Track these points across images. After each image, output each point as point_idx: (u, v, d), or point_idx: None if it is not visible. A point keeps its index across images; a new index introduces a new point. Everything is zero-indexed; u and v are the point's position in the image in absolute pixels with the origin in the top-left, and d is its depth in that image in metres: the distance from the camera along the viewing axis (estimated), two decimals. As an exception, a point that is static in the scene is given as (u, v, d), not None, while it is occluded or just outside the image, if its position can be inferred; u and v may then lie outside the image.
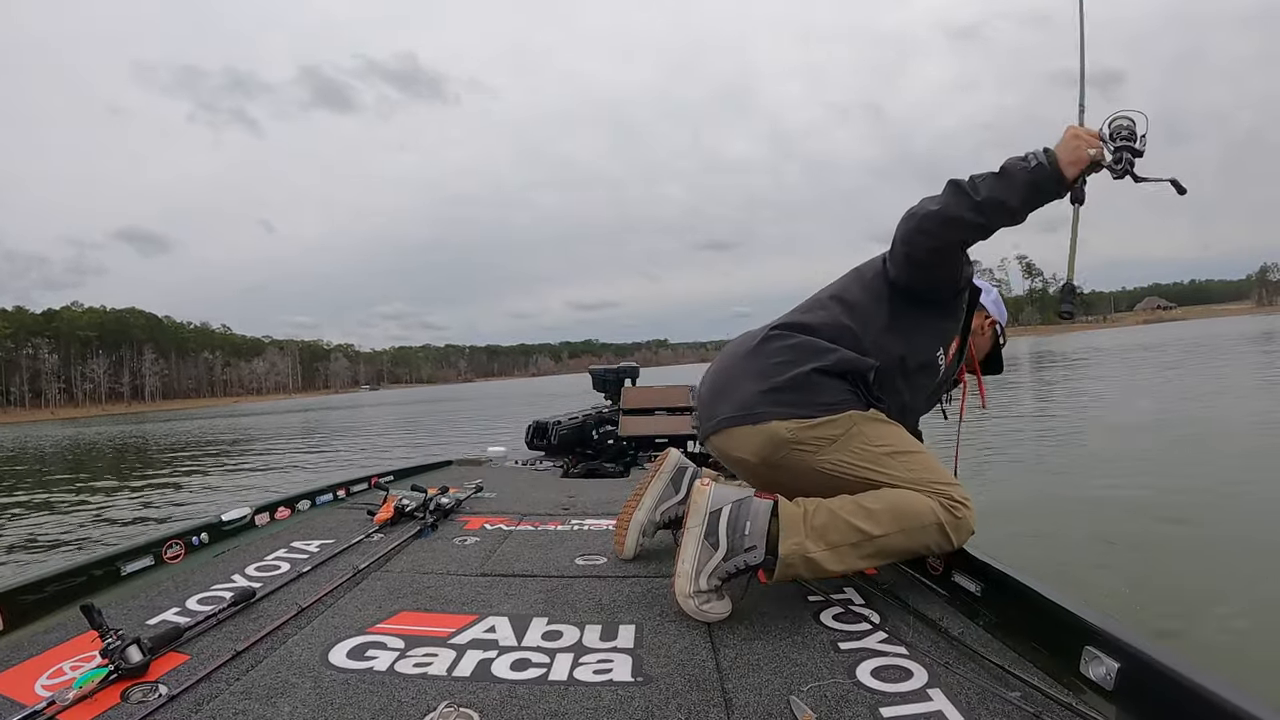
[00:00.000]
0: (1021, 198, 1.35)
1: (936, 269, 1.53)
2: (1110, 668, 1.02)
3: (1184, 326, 63.37)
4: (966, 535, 1.44)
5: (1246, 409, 7.85)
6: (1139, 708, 0.97)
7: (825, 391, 1.50)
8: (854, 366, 1.52)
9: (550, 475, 3.47)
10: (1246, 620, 2.37)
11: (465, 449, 4.63)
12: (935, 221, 1.42)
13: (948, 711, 1.01)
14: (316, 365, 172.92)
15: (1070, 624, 1.12)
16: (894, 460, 1.46)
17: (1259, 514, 3.68)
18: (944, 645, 1.23)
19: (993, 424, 8.21)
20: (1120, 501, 4.20)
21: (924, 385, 1.67)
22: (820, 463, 1.48)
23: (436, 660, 1.23)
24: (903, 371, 1.58)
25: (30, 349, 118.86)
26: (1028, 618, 1.24)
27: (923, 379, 1.65)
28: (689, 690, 1.11)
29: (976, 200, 1.36)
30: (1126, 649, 1.00)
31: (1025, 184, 1.34)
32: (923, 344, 1.61)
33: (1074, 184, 1.34)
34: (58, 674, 1.19)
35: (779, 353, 1.55)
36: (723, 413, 1.56)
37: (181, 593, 1.61)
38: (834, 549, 1.37)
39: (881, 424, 1.52)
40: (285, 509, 2.36)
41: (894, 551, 1.43)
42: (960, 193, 1.38)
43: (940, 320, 1.65)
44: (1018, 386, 14.14)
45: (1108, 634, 1.04)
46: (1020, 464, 5.73)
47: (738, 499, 1.42)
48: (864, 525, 1.38)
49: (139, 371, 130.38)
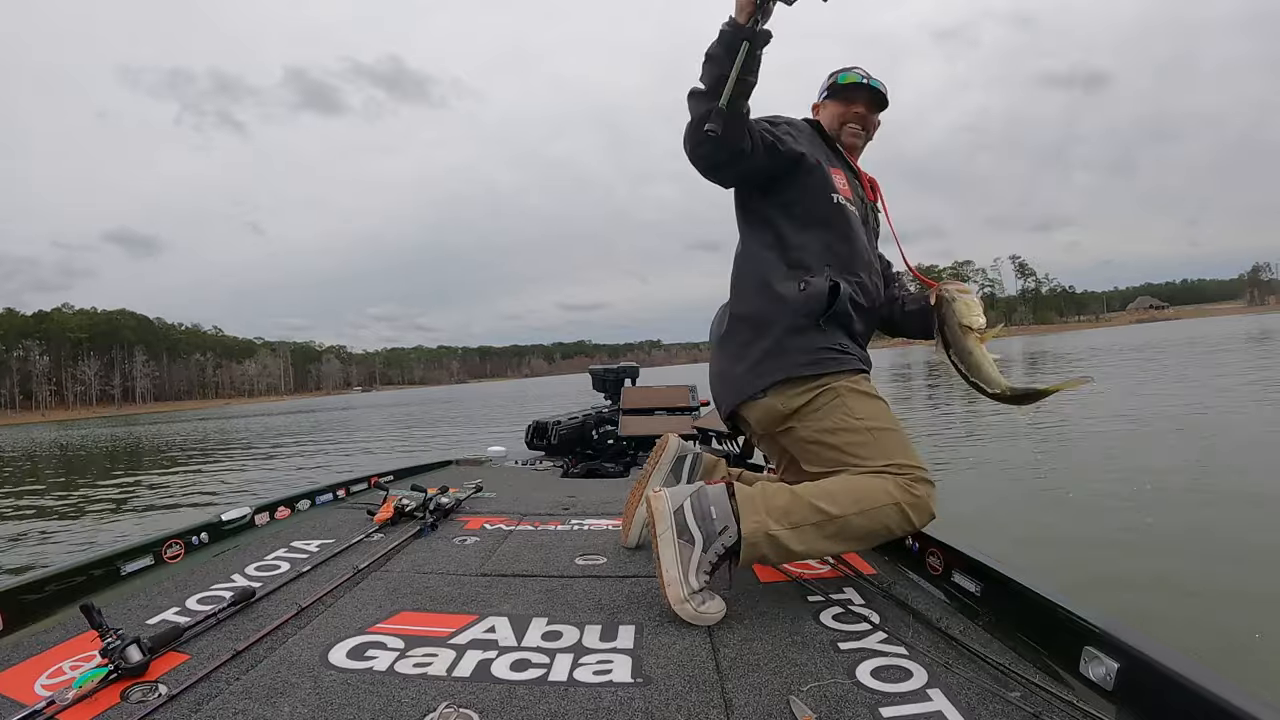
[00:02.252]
0: (721, 62, 1.42)
1: (737, 160, 1.58)
2: (1110, 668, 1.02)
3: (1179, 326, 63.71)
4: (926, 517, 1.50)
5: (1247, 408, 7.89)
6: (1139, 708, 0.98)
7: (792, 350, 1.64)
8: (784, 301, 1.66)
9: (550, 475, 3.47)
10: (1246, 620, 2.38)
11: (465, 449, 4.63)
12: (692, 130, 1.49)
13: (947, 711, 1.02)
14: (308, 367, 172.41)
15: (1070, 624, 1.12)
16: (868, 436, 1.55)
17: (1260, 514, 3.70)
18: (944, 645, 1.24)
19: (993, 425, 8.25)
20: (1121, 502, 4.21)
21: (846, 235, 1.73)
22: (810, 433, 1.61)
23: (436, 660, 1.23)
24: (813, 253, 1.69)
25: (21, 351, 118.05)
26: (1028, 618, 1.25)
27: (836, 235, 1.72)
28: (689, 691, 1.11)
29: (703, 90, 1.46)
30: (1126, 649, 1.01)
31: (722, 51, 1.42)
32: (805, 210, 1.72)
33: (750, 25, 1.41)
34: (57, 673, 1.19)
35: (738, 332, 1.72)
36: (725, 400, 1.75)
37: (181, 592, 1.60)
38: (796, 529, 1.44)
39: (863, 397, 1.61)
40: (285, 509, 2.35)
41: (857, 532, 1.48)
42: (693, 95, 1.49)
43: (799, 180, 1.72)
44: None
45: (1108, 634, 1.05)
46: (1019, 464, 5.75)
47: (693, 491, 1.47)
48: (825, 505, 1.45)
49: (130, 373, 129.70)
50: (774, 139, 1.66)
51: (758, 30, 1.40)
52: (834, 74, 1.91)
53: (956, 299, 1.63)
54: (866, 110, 1.87)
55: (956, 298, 1.64)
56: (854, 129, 1.87)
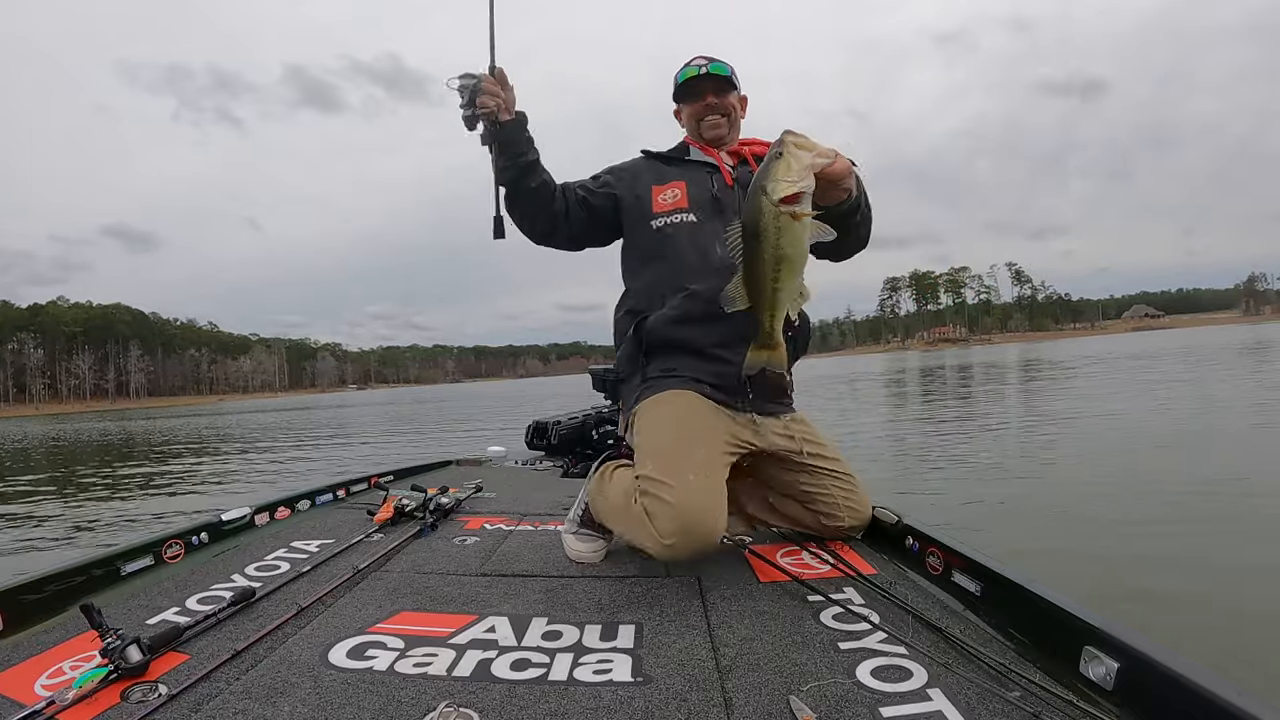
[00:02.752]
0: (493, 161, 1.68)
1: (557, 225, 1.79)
2: (1110, 668, 1.03)
3: (1175, 334, 63.92)
4: (669, 532, 1.50)
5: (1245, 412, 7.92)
6: (1139, 708, 0.98)
7: (628, 397, 1.86)
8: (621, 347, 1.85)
9: (550, 475, 3.47)
10: (1246, 620, 2.39)
11: (464, 449, 4.62)
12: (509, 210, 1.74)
13: (948, 711, 1.02)
14: (303, 364, 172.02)
15: (1070, 624, 1.13)
16: (639, 449, 1.69)
17: (1260, 513, 3.71)
18: (944, 645, 1.24)
19: (997, 428, 8.27)
20: (1119, 502, 4.22)
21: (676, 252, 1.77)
22: None
23: (436, 660, 1.23)
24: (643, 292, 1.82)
25: (15, 343, 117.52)
26: (1028, 618, 1.25)
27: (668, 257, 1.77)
28: (689, 690, 1.11)
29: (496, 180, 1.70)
30: (1126, 649, 1.01)
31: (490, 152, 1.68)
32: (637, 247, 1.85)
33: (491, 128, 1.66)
34: (57, 674, 1.19)
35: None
36: None
37: (181, 592, 1.60)
38: (595, 500, 1.78)
39: (649, 415, 1.73)
40: (285, 509, 2.35)
41: (619, 518, 1.68)
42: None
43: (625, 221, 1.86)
44: (1017, 392, 14.24)
45: (1108, 634, 1.05)
46: (1014, 467, 5.77)
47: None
48: (603, 489, 1.76)
49: (124, 368, 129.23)
50: (586, 194, 1.79)
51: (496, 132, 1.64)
52: (676, 75, 1.90)
53: (784, 154, 1.24)
54: (718, 97, 1.84)
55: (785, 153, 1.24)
56: (713, 121, 1.85)
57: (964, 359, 44.10)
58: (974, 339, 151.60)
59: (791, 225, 1.23)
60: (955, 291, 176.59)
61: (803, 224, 1.23)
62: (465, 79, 1.64)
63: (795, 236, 1.24)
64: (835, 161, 1.32)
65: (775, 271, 1.27)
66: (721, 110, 1.84)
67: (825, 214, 1.38)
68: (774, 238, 1.24)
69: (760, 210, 1.24)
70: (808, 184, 1.22)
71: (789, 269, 1.27)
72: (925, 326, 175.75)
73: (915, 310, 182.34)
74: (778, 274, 1.27)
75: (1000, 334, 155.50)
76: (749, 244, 1.27)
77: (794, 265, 1.27)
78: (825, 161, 1.28)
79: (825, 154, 1.28)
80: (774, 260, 1.26)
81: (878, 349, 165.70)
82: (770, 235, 1.24)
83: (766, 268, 1.27)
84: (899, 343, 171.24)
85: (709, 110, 1.84)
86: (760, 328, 1.38)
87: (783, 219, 1.23)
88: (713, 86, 1.83)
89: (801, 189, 1.21)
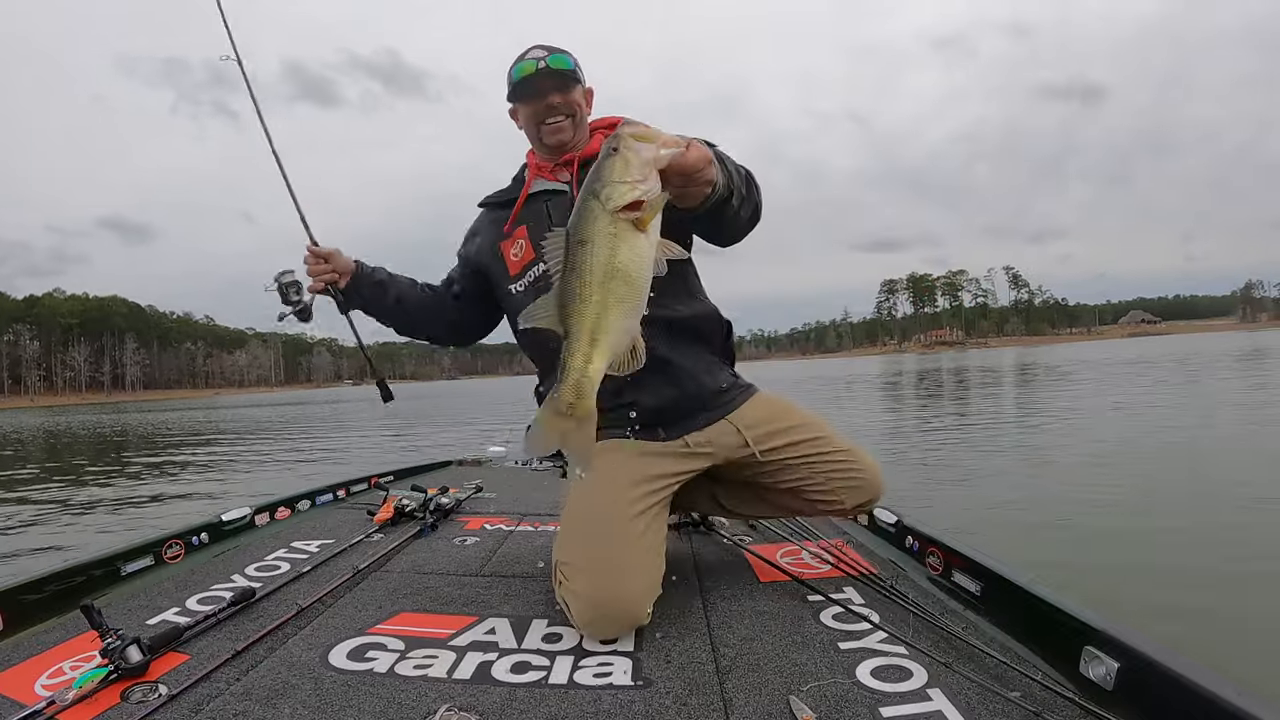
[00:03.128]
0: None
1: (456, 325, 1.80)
2: (1110, 668, 1.03)
3: (1171, 341, 64.00)
4: (585, 621, 1.35)
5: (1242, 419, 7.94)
6: (1139, 708, 0.98)
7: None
8: None
9: (550, 475, 3.46)
10: (1246, 620, 2.40)
11: (464, 449, 4.61)
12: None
13: (948, 711, 1.02)
14: (299, 359, 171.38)
15: (1070, 624, 1.13)
16: (559, 535, 1.53)
17: (1260, 514, 3.72)
18: (944, 645, 1.24)
19: (1000, 430, 8.28)
20: (1119, 502, 4.23)
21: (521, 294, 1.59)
22: None
23: (436, 662, 1.23)
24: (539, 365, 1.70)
25: (11, 335, 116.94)
26: (1028, 618, 1.26)
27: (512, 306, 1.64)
28: (689, 693, 1.11)
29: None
30: (1126, 649, 1.02)
31: None
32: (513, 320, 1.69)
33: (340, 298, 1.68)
34: (58, 674, 1.18)
35: None
36: None
37: (181, 593, 1.60)
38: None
39: (571, 492, 1.58)
40: (285, 509, 2.35)
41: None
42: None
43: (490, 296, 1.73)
44: (1017, 394, 14.26)
45: (1108, 634, 1.06)
46: (1015, 469, 5.78)
47: None
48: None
49: (120, 360, 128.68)
50: (459, 287, 1.74)
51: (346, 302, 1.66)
52: (510, 71, 1.59)
53: (620, 149, 0.99)
54: (561, 95, 1.55)
55: (622, 148, 0.99)
56: (555, 124, 1.56)
57: (960, 362, 44.12)
58: (970, 342, 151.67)
59: (631, 234, 0.98)
60: (952, 295, 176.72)
61: (648, 234, 0.99)
62: (280, 276, 1.69)
63: (636, 248, 0.98)
64: (687, 151, 1.09)
65: (604, 289, 0.98)
66: (566, 110, 1.57)
67: (693, 214, 1.23)
68: (608, 244, 0.97)
69: (591, 216, 0.98)
70: (652, 185, 0.98)
71: (624, 288, 0.98)
72: (922, 329, 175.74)
73: (912, 313, 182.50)
74: (606, 292, 0.98)
75: (997, 338, 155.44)
76: (572, 250, 0.99)
77: (631, 285, 0.99)
78: (673, 153, 1.04)
79: (672, 144, 1.04)
80: (605, 272, 0.97)
81: (874, 351, 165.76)
82: (603, 241, 0.97)
83: (593, 279, 0.98)
84: (895, 345, 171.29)
85: (551, 111, 1.56)
86: (566, 368, 1.02)
87: (620, 225, 0.97)
88: (555, 83, 1.55)
89: (644, 193, 0.97)
